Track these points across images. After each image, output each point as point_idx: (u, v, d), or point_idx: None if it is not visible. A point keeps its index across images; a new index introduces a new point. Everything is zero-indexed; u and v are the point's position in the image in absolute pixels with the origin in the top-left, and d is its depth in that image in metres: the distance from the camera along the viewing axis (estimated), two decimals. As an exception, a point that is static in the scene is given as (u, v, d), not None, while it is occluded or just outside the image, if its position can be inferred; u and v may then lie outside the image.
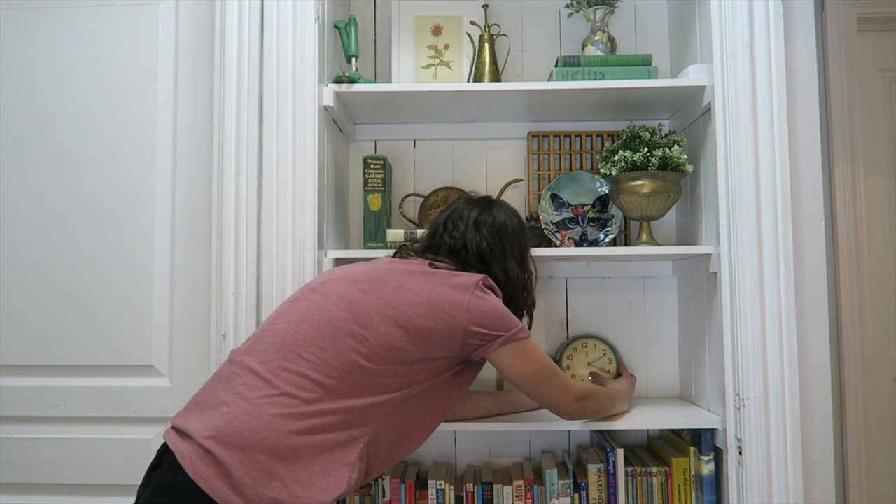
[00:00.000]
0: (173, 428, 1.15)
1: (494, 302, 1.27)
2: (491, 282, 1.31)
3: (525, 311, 1.45)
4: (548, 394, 1.35)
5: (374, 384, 1.17)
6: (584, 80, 1.62)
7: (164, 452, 1.13)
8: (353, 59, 1.66)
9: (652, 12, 1.89)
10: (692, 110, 1.67)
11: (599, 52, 1.72)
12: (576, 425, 1.50)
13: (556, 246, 1.73)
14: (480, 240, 1.38)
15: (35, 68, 1.74)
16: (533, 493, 1.55)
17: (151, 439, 1.65)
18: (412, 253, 1.40)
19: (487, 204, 1.45)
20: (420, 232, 1.62)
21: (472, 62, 1.76)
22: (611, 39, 1.75)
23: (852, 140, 1.92)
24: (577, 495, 1.54)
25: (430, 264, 1.32)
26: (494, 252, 1.37)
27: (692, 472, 1.53)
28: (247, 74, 1.55)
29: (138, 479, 1.17)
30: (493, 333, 1.24)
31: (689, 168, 1.58)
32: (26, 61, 1.74)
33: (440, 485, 1.56)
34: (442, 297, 1.23)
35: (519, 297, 1.41)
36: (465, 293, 1.24)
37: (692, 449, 1.53)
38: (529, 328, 1.43)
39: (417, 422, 1.25)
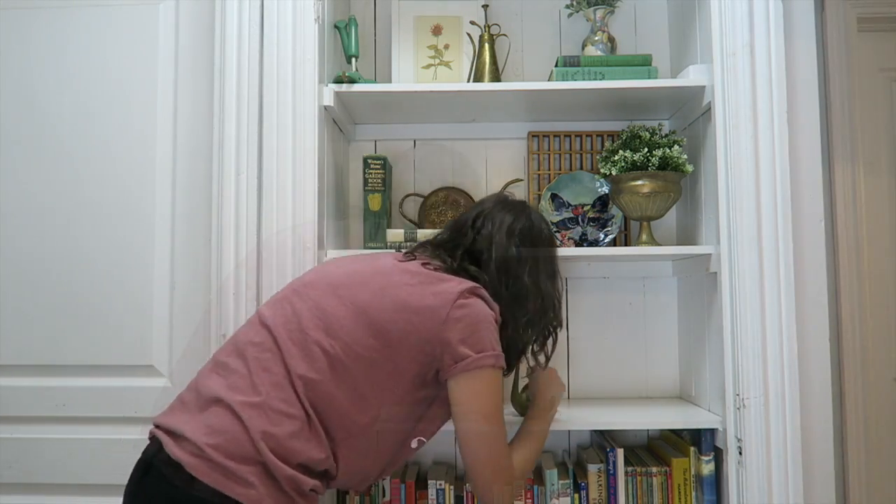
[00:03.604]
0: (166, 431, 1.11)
1: (481, 311, 1.16)
2: (484, 292, 1.20)
3: (551, 332, 1.35)
4: (475, 448, 1.17)
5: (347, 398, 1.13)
6: (584, 80, 1.61)
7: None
8: (354, 60, 1.66)
9: (652, 12, 1.89)
10: (692, 110, 1.67)
11: (599, 52, 1.72)
12: (575, 425, 1.50)
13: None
14: (510, 245, 1.26)
15: (34, 68, 1.74)
16: (533, 493, 1.55)
17: (151, 439, 1.65)
18: (418, 253, 1.31)
19: (523, 208, 1.35)
20: (420, 232, 1.62)
21: (472, 62, 1.76)
22: (611, 39, 1.75)
23: (852, 140, 1.92)
24: (577, 495, 1.54)
25: (424, 263, 1.22)
26: (525, 262, 1.26)
27: (692, 472, 1.53)
28: (247, 74, 1.55)
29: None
30: (461, 352, 1.13)
31: (689, 168, 1.58)
32: (25, 61, 1.74)
33: (440, 485, 1.56)
34: (420, 301, 1.15)
35: (548, 315, 1.29)
36: (447, 300, 1.14)
37: (692, 449, 1.53)
38: (554, 348, 1.36)
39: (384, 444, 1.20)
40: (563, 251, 1.62)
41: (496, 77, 1.73)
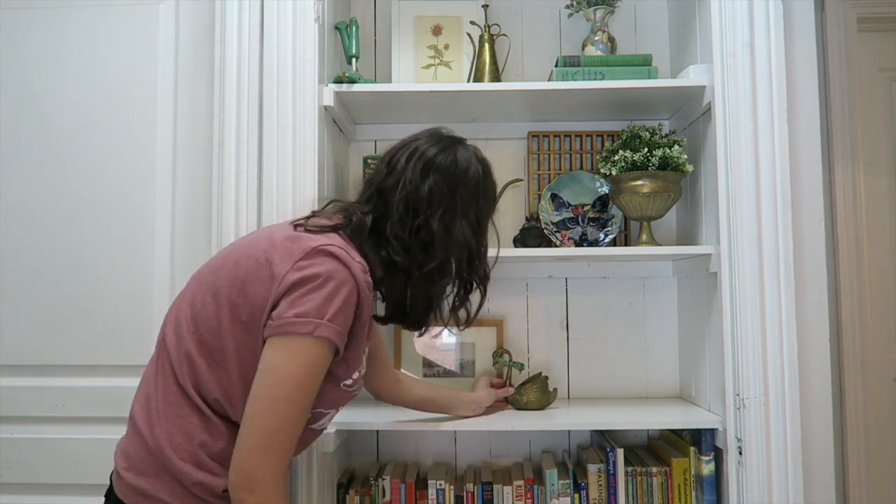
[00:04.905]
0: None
1: (322, 272, 0.99)
2: (338, 249, 1.01)
3: (478, 285, 1.19)
4: (251, 413, 0.97)
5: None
6: (584, 80, 1.61)
7: None
8: (354, 60, 1.66)
9: (652, 12, 1.89)
10: (692, 110, 1.67)
11: (599, 52, 1.72)
12: (575, 425, 1.49)
13: (556, 246, 1.73)
14: (421, 184, 1.10)
15: (34, 68, 1.74)
16: (533, 493, 1.55)
17: (151, 439, 1.65)
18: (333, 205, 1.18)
19: (453, 143, 1.17)
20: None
21: (472, 62, 1.76)
22: (611, 39, 1.75)
23: (852, 140, 1.92)
24: (577, 495, 1.54)
25: (296, 226, 1.08)
26: (437, 203, 1.10)
27: (692, 472, 1.53)
28: (247, 74, 1.55)
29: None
30: (280, 311, 0.98)
31: (689, 168, 1.58)
32: (25, 61, 1.74)
33: (440, 485, 1.56)
34: (266, 269, 1.01)
35: (463, 266, 1.13)
36: (286, 265, 1.00)
37: (692, 449, 1.53)
38: (481, 305, 1.21)
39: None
40: (563, 251, 1.63)
41: (496, 77, 1.73)
